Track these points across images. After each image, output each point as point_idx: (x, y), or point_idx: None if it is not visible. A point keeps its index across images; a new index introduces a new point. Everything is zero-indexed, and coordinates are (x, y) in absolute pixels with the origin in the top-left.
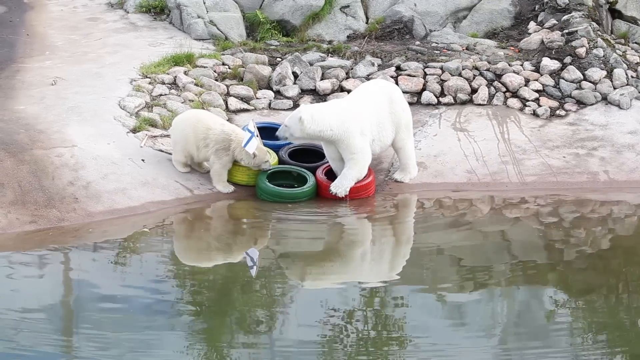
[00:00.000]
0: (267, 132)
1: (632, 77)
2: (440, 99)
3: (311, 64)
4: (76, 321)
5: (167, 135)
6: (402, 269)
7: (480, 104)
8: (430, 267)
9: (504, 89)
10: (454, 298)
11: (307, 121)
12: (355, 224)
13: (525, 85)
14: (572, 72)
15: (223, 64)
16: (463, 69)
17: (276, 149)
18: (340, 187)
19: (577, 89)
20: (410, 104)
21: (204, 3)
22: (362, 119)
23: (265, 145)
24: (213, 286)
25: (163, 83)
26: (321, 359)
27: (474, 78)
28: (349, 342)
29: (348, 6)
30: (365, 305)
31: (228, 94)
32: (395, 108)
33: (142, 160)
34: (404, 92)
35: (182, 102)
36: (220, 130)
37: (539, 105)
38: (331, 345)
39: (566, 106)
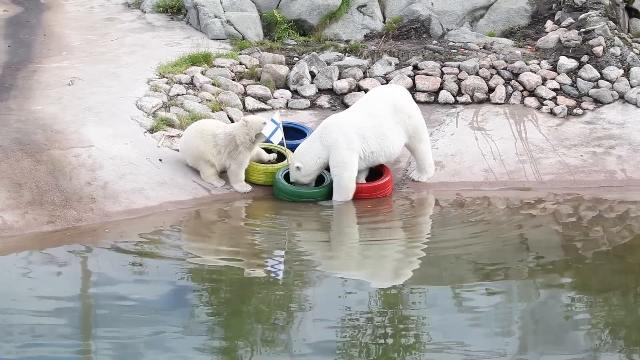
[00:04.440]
0: (285, 132)
1: None
2: (458, 98)
3: (328, 64)
4: (93, 321)
5: None
6: (418, 267)
7: (497, 103)
8: (446, 266)
9: (521, 88)
10: (471, 297)
11: (301, 167)
12: (371, 223)
13: (543, 84)
14: (589, 71)
15: (240, 63)
16: (480, 68)
17: (294, 149)
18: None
19: (594, 87)
20: (428, 103)
21: (221, 3)
22: (353, 132)
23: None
24: (231, 286)
25: (180, 83)
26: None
27: (491, 77)
28: (367, 342)
29: (365, 5)
30: (383, 304)
31: (245, 94)
32: (401, 117)
33: (160, 160)
34: (421, 91)
35: (199, 102)
36: (224, 132)
37: (556, 104)
38: (349, 345)
39: (583, 105)
